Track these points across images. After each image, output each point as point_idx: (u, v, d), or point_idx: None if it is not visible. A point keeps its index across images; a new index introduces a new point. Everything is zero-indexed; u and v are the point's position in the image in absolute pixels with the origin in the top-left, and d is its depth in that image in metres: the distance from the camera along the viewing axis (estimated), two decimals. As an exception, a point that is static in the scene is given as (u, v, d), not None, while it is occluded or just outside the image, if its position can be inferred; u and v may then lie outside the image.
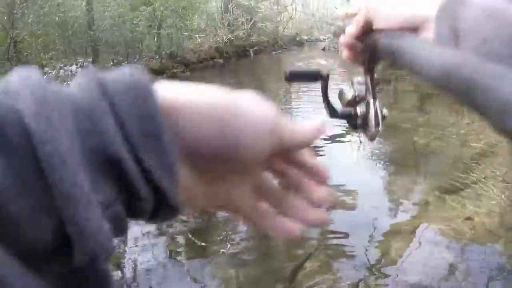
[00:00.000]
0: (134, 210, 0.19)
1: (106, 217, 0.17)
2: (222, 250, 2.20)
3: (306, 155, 0.28)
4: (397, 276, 1.98)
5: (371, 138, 0.41)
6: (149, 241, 2.35)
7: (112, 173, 0.18)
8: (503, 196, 2.74)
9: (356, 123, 0.42)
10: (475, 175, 3.05)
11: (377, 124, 0.40)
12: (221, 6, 13.39)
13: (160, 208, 0.21)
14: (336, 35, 16.98)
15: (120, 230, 0.19)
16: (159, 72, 9.19)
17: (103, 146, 0.17)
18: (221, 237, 2.33)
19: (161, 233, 2.45)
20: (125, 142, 0.18)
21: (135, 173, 0.18)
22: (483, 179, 2.96)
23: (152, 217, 0.21)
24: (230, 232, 2.38)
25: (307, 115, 5.30)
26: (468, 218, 2.43)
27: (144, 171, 0.18)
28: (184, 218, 2.63)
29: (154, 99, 0.19)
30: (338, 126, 4.52)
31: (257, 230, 0.28)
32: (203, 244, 2.28)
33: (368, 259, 2.10)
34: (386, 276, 1.99)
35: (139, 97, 0.19)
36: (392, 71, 8.67)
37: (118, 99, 0.18)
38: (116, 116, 0.18)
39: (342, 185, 2.94)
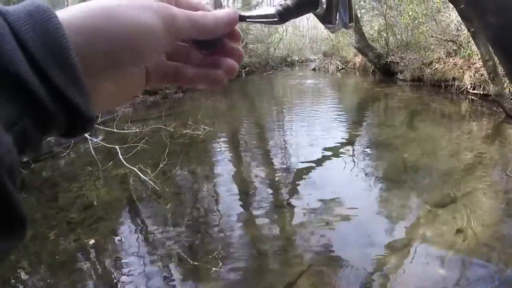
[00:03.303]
0: (47, 125, 0.20)
1: (13, 132, 0.17)
2: (214, 269, 2.16)
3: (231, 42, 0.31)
4: (392, 291, 1.96)
5: (332, 31, 0.38)
6: (141, 261, 2.31)
7: (17, 91, 0.18)
8: (494, 207, 2.76)
9: (319, 13, 0.35)
10: (465, 187, 3.08)
11: (342, 19, 0.35)
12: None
13: (75, 121, 0.21)
14: (327, 55, 17.37)
15: (32, 145, 0.20)
16: (152, 93, 9.26)
17: (3, 66, 0.18)
18: (213, 255, 2.30)
19: (153, 251, 2.41)
20: (27, 60, 0.18)
21: (39, 88, 0.18)
22: (473, 191, 2.99)
23: (68, 131, 0.22)
24: (222, 251, 2.35)
25: (300, 132, 5.34)
26: (461, 231, 2.43)
27: (52, 86, 0.19)
28: (176, 237, 2.60)
29: (54, 19, 0.20)
30: (331, 140, 4.57)
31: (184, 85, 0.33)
32: (195, 263, 2.24)
33: (362, 275, 2.08)
34: (381, 291, 1.96)
35: (40, 19, 0.19)
36: (380, 89, 8.83)
37: (19, 23, 0.19)
38: (17, 37, 0.18)
39: (335, 203, 2.94)
